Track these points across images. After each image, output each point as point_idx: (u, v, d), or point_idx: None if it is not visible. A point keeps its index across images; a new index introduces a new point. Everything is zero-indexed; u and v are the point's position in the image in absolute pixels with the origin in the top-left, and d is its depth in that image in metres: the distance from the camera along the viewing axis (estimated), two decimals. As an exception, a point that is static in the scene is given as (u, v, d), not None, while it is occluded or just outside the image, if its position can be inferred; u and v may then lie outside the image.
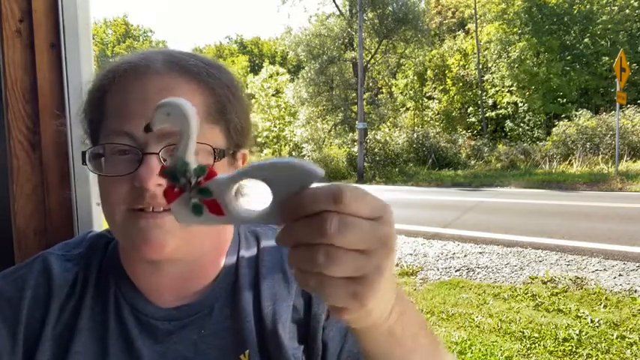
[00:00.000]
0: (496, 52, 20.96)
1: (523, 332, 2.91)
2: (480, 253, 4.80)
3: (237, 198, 0.46)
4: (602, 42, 19.88)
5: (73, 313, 0.60)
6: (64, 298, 0.60)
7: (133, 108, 0.54)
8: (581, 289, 3.63)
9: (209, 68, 0.59)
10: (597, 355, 2.60)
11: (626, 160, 12.70)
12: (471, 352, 2.69)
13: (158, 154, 0.53)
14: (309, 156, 18.53)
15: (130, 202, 0.54)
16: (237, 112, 0.60)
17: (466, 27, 25.02)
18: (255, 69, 35.65)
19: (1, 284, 0.60)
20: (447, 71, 23.31)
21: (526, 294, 3.57)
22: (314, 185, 0.38)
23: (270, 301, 0.61)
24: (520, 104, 20.09)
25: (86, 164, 0.56)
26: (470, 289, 3.79)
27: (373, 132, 19.24)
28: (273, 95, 23.12)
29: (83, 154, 0.57)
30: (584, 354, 2.61)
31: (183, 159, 0.38)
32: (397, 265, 4.61)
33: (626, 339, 2.75)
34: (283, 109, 22.91)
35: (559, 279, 3.86)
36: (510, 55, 20.20)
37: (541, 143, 16.23)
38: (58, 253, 0.64)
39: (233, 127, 0.60)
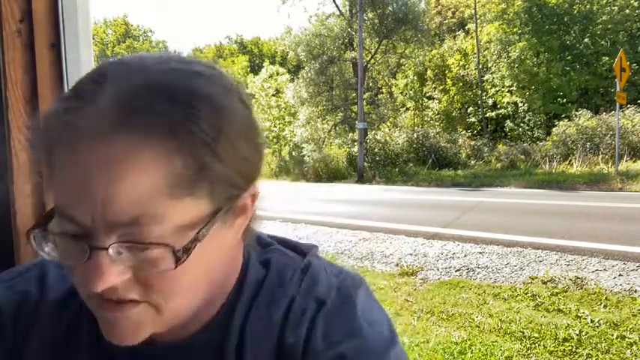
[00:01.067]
0: (496, 52, 20.95)
1: (523, 332, 2.91)
2: (480, 253, 4.80)
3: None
4: (602, 42, 19.87)
5: (72, 325, 0.56)
6: (58, 308, 0.56)
7: (74, 190, 0.41)
8: (581, 289, 3.63)
9: (179, 112, 0.41)
10: (597, 355, 2.60)
11: (626, 160, 12.71)
12: (471, 352, 2.69)
13: (107, 249, 0.41)
14: (309, 156, 18.51)
15: (89, 289, 0.43)
16: (228, 159, 0.44)
17: (466, 27, 25.02)
18: (255, 69, 35.63)
19: None
20: (447, 71, 23.31)
21: (526, 294, 3.57)
22: None
23: None
24: (520, 104, 20.08)
25: (31, 244, 0.44)
26: (470, 289, 3.79)
27: (373, 132, 19.24)
28: (273, 95, 23.11)
29: (28, 233, 0.44)
30: (584, 354, 2.61)
31: None
32: (397, 265, 4.61)
33: (626, 339, 2.75)
34: (283, 109, 22.90)
35: (559, 279, 3.86)
36: (510, 55, 20.20)
37: (541, 143, 16.23)
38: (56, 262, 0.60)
39: (224, 180, 0.44)
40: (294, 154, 20.12)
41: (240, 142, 0.45)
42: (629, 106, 14.24)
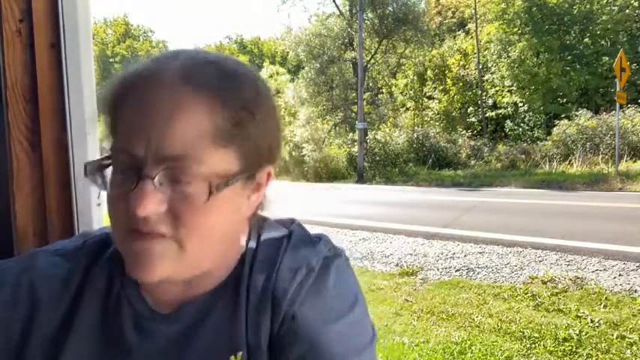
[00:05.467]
0: (496, 52, 20.93)
1: (523, 332, 2.91)
2: (480, 253, 4.80)
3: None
4: (602, 42, 19.86)
5: (68, 311, 0.58)
6: (53, 295, 0.58)
7: (136, 126, 0.51)
8: (581, 289, 3.63)
9: (227, 80, 0.53)
10: (597, 355, 2.60)
11: (626, 160, 12.70)
12: (471, 352, 2.69)
13: (153, 178, 0.49)
14: (309, 156, 18.50)
15: (125, 222, 0.51)
16: (258, 128, 0.54)
17: (466, 27, 25.00)
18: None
19: None
20: (447, 71, 23.29)
21: (526, 294, 3.57)
22: None
23: (255, 312, 0.59)
24: (520, 104, 20.07)
25: (87, 176, 0.54)
26: (470, 289, 3.79)
27: (373, 132, 19.24)
28: (273, 95, 23.09)
29: (85, 166, 0.54)
30: (584, 354, 2.61)
31: None
32: (397, 265, 4.61)
33: (626, 339, 2.75)
34: (283, 109, 22.90)
35: (559, 279, 3.86)
36: (510, 55, 20.19)
37: (541, 143, 16.21)
38: (49, 249, 0.63)
39: (252, 146, 0.54)
40: (294, 154, 20.11)
41: (269, 118, 0.57)
42: (629, 106, 14.23)
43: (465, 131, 19.88)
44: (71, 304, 0.59)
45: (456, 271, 4.29)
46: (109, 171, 0.55)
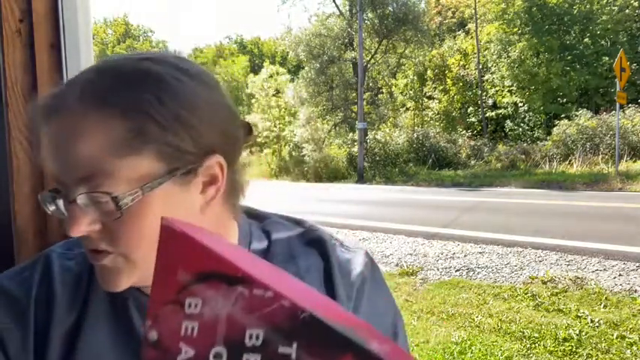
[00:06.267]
0: (496, 52, 20.92)
1: (523, 332, 2.91)
2: (480, 253, 4.80)
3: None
4: (602, 42, 19.85)
5: (79, 313, 0.60)
6: (67, 297, 0.60)
7: (51, 155, 0.51)
8: (581, 289, 3.63)
9: (124, 88, 0.50)
10: (597, 355, 2.60)
11: (626, 160, 12.68)
12: (471, 352, 2.69)
13: (75, 201, 0.49)
14: (309, 156, 18.50)
15: (70, 235, 0.52)
16: (180, 125, 0.50)
17: (466, 27, 24.99)
18: (255, 69, 35.59)
19: (9, 284, 0.60)
20: (447, 71, 23.27)
21: (526, 294, 3.57)
22: None
23: None
24: (520, 104, 20.05)
25: (46, 208, 0.55)
26: (470, 289, 3.79)
27: (373, 132, 19.23)
28: (273, 95, 23.09)
29: (37, 198, 0.57)
30: (584, 354, 2.61)
31: None
32: (397, 265, 4.61)
33: (626, 339, 2.75)
34: (283, 109, 22.90)
35: (559, 279, 3.86)
36: (510, 55, 20.17)
37: (541, 143, 16.20)
38: (59, 251, 0.65)
39: (174, 145, 0.50)
40: (294, 154, 20.11)
41: (187, 113, 0.51)
42: (629, 105, 14.21)
43: (465, 131, 19.86)
44: (83, 304, 0.60)
45: (456, 271, 4.29)
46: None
